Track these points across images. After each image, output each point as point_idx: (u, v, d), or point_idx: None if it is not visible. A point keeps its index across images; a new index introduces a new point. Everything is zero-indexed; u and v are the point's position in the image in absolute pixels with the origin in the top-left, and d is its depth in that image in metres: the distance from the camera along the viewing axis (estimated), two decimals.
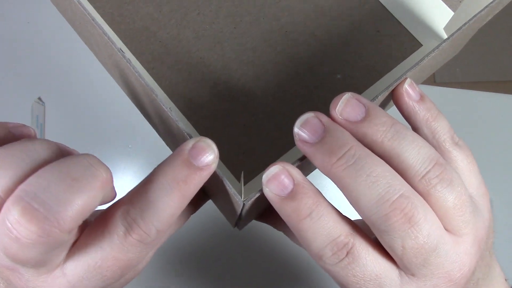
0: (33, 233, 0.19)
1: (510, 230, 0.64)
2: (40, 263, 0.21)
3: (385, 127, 0.25)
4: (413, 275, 0.24)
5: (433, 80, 0.65)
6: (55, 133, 0.65)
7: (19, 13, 0.67)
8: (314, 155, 0.24)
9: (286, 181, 0.23)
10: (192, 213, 0.29)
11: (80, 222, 0.20)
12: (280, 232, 0.34)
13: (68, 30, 0.67)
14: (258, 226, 0.55)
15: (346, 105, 0.24)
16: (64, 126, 0.66)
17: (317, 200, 0.25)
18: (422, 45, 0.44)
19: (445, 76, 0.65)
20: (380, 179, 0.23)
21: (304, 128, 0.23)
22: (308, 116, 0.23)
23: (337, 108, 0.24)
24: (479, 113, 0.65)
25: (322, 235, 0.24)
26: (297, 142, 0.24)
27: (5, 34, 0.67)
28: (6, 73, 0.66)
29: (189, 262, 0.65)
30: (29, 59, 0.66)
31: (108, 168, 0.23)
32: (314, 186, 0.26)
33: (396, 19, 0.42)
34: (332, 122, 0.24)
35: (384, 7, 0.42)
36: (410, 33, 0.43)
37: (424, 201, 0.23)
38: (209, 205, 0.33)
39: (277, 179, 0.23)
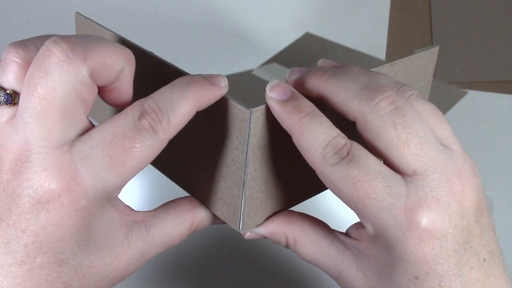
0: (61, 58, 0.22)
1: (511, 229, 0.64)
2: (61, 116, 0.22)
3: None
4: (413, 172, 0.23)
5: None
6: None
7: (19, 13, 0.67)
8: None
9: (286, 88, 0.25)
10: (190, 232, 0.28)
11: (100, 69, 0.23)
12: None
13: (68, 30, 0.67)
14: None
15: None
16: None
17: (313, 105, 0.25)
18: None
19: (445, 76, 0.65)
20: (360, 78, 0.25)
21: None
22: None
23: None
24: (479, 113, 0.65)
25: (323, 133, 0.23)
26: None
27: (5, 34, 0.67)
28: None
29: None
30: None
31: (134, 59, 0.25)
32: None
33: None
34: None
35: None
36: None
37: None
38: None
39: (279, 86, 0.25)
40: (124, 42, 0.30)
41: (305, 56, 0.59)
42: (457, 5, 0.65)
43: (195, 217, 0.28)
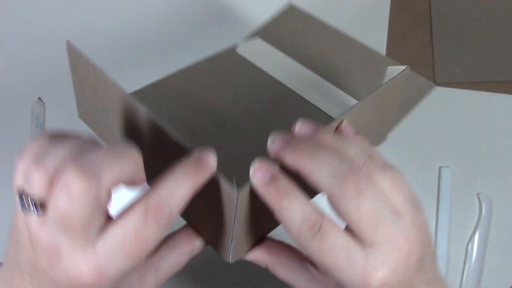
0: (82, 187, 0.26)
1: (510, 229, 0.64)
2: (83, 227, 0.26)
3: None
4: (371, 244, 0.29)
5: (433, 80, 0.65)
6: None
7: (19, 13, 0.67)
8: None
9: (267, 170, 0.30)
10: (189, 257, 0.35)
11: (115, 184, 0.27)
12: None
13: (68, 30, 0.67)
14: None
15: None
16: (64, 126, 0.66)
17: (292, 184, 0.30)
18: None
19: (445, 76, 0.65)
20: (331, 162, 0.30)
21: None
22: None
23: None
24: (479, 113, 0.65)
25: (298, 211, 0.29)
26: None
27: (5, 34, 0.67)
28: (6, 73, 0.66)
29: None
30: (29, 59, 0.66)
31: (139, 152, 0.29)
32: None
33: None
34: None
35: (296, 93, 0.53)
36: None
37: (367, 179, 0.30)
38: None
39: (261, 169, 0.30)
40: (126, 101, 0.35)
41: (290, 32, 0.57)
42: (457, 5, 0.65)
43: (193, 247, 0.35)
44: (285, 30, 0.59)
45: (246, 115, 0.50)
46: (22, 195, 0.31)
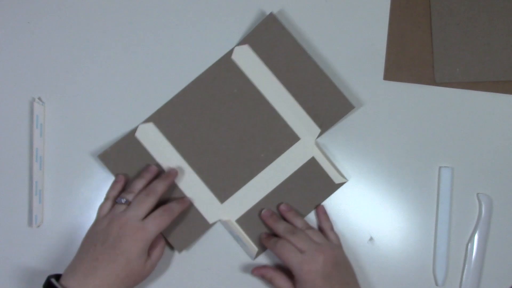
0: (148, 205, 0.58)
1: (510, 229, 0.64)
2: (140, 217, 0.57)
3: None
4: (303, 252, 0.58)
5: (433, 80, 0.65)
6: (55, 133, 0.66)
7: (19, 13, 0.67)
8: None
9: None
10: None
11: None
12: None
13: (68, 30, 0.67)
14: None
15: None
16: (64, 126, 0.66)
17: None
18: (300, 138, 0.64)
19: (445, 76, 0.65)
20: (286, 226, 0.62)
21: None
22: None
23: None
24: (479, 113, 0.65)
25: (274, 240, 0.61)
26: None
27: (5, 34, 0.67)
28: (6, 73, 0.66)
29: None
30: (29, 59, 0.66)
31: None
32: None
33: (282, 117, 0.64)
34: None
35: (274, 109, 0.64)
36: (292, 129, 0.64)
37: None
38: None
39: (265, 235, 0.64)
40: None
41: (269, 46, 0.64)
42: (457, 5, 0.65)
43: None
44: (266, 43, 0.63)
45: (235, 123, 0.64)
46: (120, 198, 0.59)
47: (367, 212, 0.64)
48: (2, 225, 0.65)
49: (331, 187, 0.63)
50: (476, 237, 0.63)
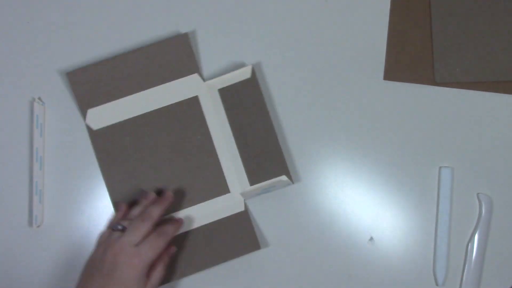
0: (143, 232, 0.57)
1: (510, 229, 0.64)
2: (135, 243, 0.56)
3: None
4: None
5: (433, 80, 0.65)
6: (55, 133, 0.66)
7: (19, 13, 0.67)
8: None
9: None
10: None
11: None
12: None
13: (68, 30, 0.67)
14: None
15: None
16: (64, 126, 0.66)
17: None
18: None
19: (445, 76, 0.65)
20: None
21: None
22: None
23: None
24: (479, 113, 0.65)
25: None
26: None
27: (5, 34, 0.67)
28: (6, 73, 0.66)
29: None
30: (29, 59, 0.66)
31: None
32: None
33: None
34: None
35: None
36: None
37: None
38: None
39: None
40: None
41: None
42: (457, 5, 0.65)
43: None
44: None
45: (177, 153, 0.64)
46: (116, 224, 0.58)
47: (367, 212, 0.64)
48: (2, 225, 0.65)
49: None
50: (476, 237, 0.63)
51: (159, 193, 0.63)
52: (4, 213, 0.65)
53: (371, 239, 0.64)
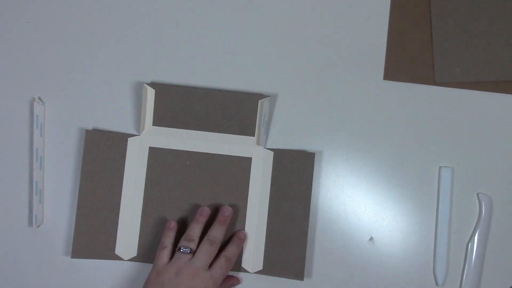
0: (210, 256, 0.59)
1: (510, 229, 0.64)
2: (206, 267, 0.58)
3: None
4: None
5: (433, 80, 0.65)
6: (55, 133, 0.66)
7: (19, 13, 0.67)
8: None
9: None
10: None
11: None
12: None
13: (68, 29, 0.67)
14: None
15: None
16: (64, 126, 0.66)
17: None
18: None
19: (445, 76, 0.65)
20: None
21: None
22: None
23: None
24: (479, 113, 0.65)
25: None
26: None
27: (5, 34, 0.67)
28: (6, 73, 0.66)
29: None
30: (29, 59, 0.66)
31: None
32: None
33: None
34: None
35: None
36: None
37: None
38: None
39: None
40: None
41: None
42: (457, 5, 0.65)
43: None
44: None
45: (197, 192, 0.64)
46: (185, 247, 0.58)
47: (367, 212, 0.64)
48: (2, 225, 0.65)
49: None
50: (476, 237, 0.63)
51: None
52: (4, 213, 0.65)
53: (371, 239, 0.64)
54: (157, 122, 0.64)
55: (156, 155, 0.64)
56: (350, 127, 0.65)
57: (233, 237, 0.62)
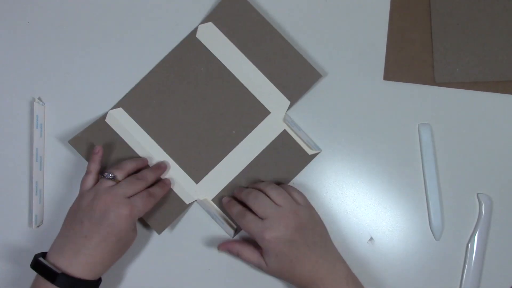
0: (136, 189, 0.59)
1: (510, 229, 0.64)
2: (126, 196, 0.57)
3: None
4: (265, 218, 0.57)
5: (433, 80, 0.65)
6: (55, 133, 0.66)
7: (19, 13, 0.67)
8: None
9: (229, 199, 0.63)
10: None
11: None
12: None
13: (68, 30, 0.67)
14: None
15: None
16: (64, 126, 0.66)
17: (237, 203, 0.62)
18: (270, 112, 0.64)
19: (445, 76, 0.65)
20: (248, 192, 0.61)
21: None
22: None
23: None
24: (479, 113, 0.65)
25: (235, 210, 0.60)
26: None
27: (5, 34, 0.67)
28: (6, 73, 0.66)
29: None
30: (29, 59, 0.66)
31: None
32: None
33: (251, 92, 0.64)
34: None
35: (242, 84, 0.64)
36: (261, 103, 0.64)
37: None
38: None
39: (226, 199, 0.63)
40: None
41: (234, 22, 0.65)
42: (457, 5, 0.65)
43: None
44: (230, 19, 0.64)
45: (204, 102, 0.64)
46: (108, 173, 0.58)
47: (367, 212, 0.64)
48: (2, 225, 0.65)
49: (305, 158, 0.64)
50: (476, 237, 0.63)
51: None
52: (4, 213, 0.65)
53: (371, 239, 0.64)
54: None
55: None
56: (350, 127, 0.65)
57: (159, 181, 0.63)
